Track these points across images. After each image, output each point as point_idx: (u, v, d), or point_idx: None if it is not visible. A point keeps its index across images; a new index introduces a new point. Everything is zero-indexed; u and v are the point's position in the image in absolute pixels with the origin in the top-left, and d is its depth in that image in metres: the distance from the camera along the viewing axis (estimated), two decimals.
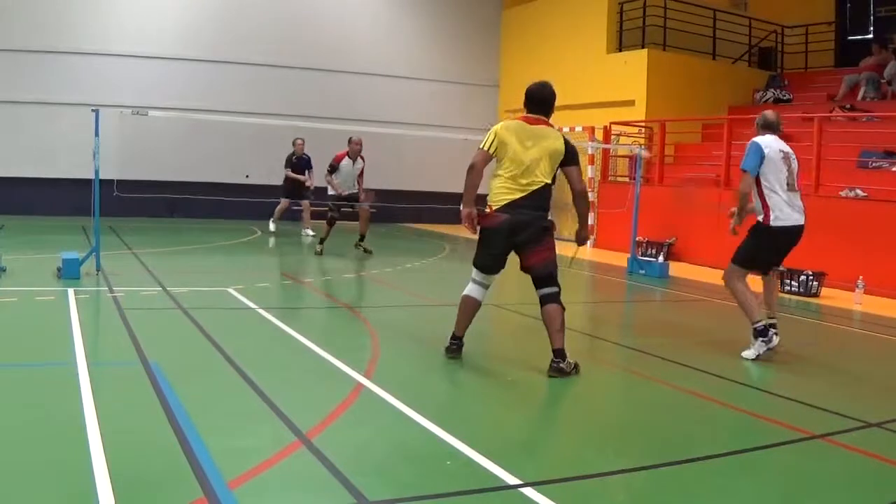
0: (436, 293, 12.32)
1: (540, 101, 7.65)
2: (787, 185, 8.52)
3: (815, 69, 23.16)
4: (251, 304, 10.24)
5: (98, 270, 11.80)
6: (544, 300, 7.63)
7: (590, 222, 20.86)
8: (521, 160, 7.40)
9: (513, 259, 7.71)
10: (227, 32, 23.32)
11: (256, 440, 5.23)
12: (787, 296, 13.37)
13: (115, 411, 5.63)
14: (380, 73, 25.11)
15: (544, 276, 7.62)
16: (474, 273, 7.80)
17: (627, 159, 21.04)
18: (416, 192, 24.73)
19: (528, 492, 4.56)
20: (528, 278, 7.64)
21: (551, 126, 7.70)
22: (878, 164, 15.65)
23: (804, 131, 17.33)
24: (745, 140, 18.85)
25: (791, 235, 8.64)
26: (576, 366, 7.48)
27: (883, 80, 19.11)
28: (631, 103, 21.32)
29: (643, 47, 21.76)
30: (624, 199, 17.60)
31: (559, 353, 7.44)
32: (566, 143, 7.64)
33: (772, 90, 21.65)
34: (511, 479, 4.72)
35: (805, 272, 13.42)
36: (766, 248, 8.69)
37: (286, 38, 23.90)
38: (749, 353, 8.40)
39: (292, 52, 23.95)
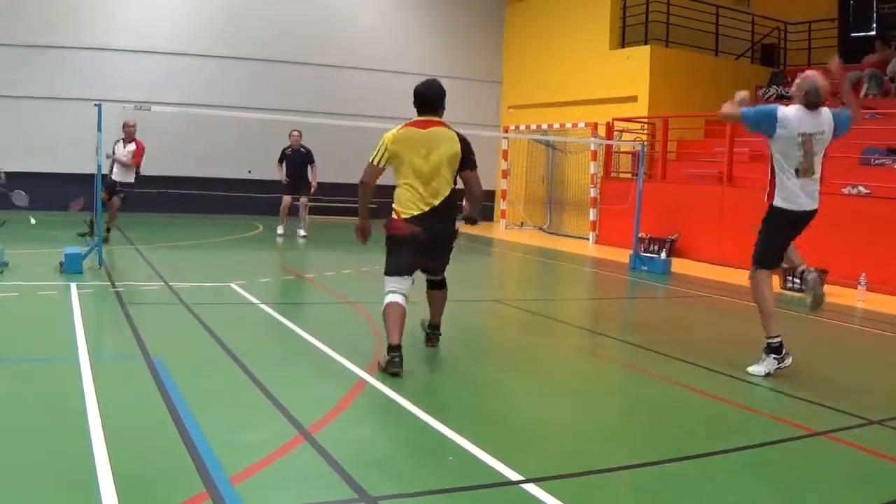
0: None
1: (429, 101, 7.44)
2: (797, 171, 7.59)
3: (818, 66, 22.98)
4: (253, 300, 10.25)
5: (101, 265, 11.81)
6: (433, 286, 7.92)
7: (591, 218, 21.02)
8: (420, 171, 7.20)
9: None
10: (230, 28, 23.31)
11: (258, 435, 5.24)
12: (788, 293, 13.38)
13: (117, 406, 5.64)
14: (383, 69, 25.08)
15: (439, 270, 7.88)
16: (388, 281, 7.36)
17: (630, 155, 21.03)
18: None
19: (531, 488, 4.56)
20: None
21: (445, 125, 7.43)
22: (880, 161, 15.64)
23: None
24: (748, 136, 18.95)
25: (798, 223, 7.82)
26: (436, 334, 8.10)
27: (886, 77, 19.08)
28: (633, 99, 21.32)
29: (646, 43, 21.73)
30: (626, 196, 17.61)
31: (438, 327, 8.08)
32: (462, 143, 7.38)
33: (774, 87, 21.61)
34: (513, 475, 4.72)
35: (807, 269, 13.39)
36: (776, 235, 7.86)
37: (289, 34, 23.89)
38: (757, 370, 7.55)
39: (295, 48, 23.95)
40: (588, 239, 21.01)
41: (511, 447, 5.29)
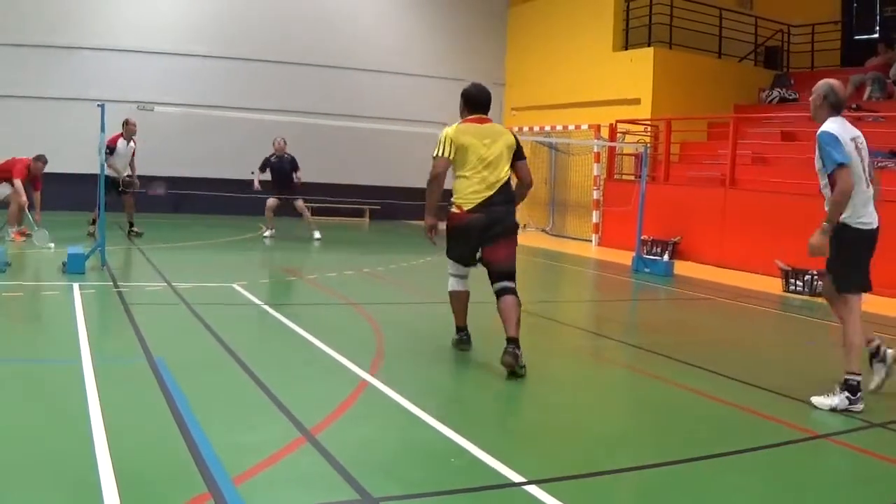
0: (439, 290, 12.29)
1: (483, 103, 8.03)
2: (867, 179, 7.24)
3: (821, 68, 23.06)
4: (256, 300, 10.26)
5: (103, 265, 11.82)
6: (503, 292, 7.55)
7: (594, 220, 21.02)
8: (486, 158, 7.57)
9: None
10: (233, 29, 23.32)
11: (261, 436, 5.24)
12: (792, 295, 13.37)
13: (119, 406, 5.64)
14: (385, 70, 25.10)
15: (506, 271, 7.58)
16: (453, 267, 7.88)
17: (633, 157, 21.02)
18: (422, 189, 24.68)
19: (533, 489, 4.56)
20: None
21: (495, 124, 7.99)
22: (883, 163, 15.62)
23: (810, 131, 17.23)
24: (751, 139, 18.94)
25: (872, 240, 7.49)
26: (524, 366, 7.26)
27: (889, 80, 19.06)
28: (637, 101, 21.31)
29: (649, 45, 21.74)
30: (629, 198, 17.60)
31: (515, 342, 7.31)
32: (515, 137, 7.87)
33: (778, 89, 21.63)
34: (516, 477, 4.71)
35: (810, 271, 13.41)
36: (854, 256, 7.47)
37: (291, 35, 23.90)
38: (823, 402, 6.72)
39: (297, 49, 23.95)
40: (591, 241, 21.00)
41: (513, 449, 5.29)
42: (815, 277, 13.34)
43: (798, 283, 13.53)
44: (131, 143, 16.50)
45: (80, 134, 19.08)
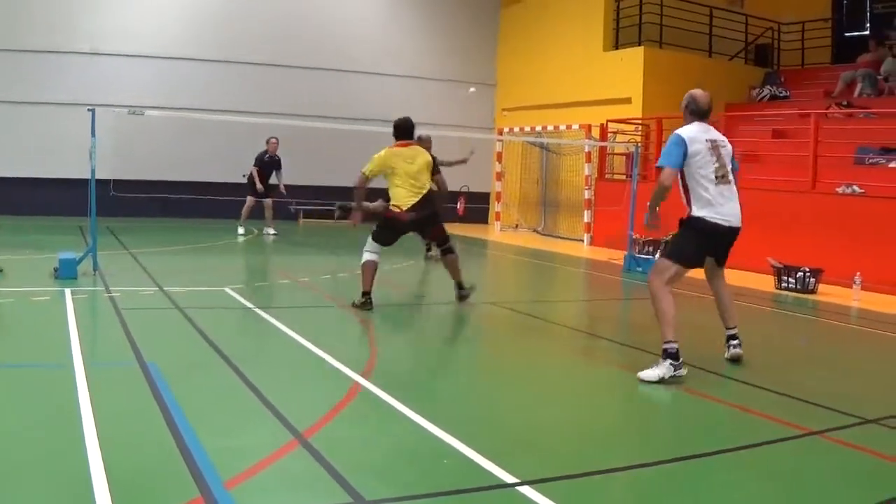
0: (432, 291, 12.33)
1: (409, 130, 10.59)
2: (717, 177, 7.65)
3: (811, 66, 23.17)
4: (248, 304, 10.25)
5: (95, 270, 11.79)
6: (445, 252, 10.69)
7: (586, 219, 21.03)
8: (410, 173, 10.23)
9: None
10: (224, 32, 23.29)
11: (253, 439, 5.22)
12: (784, 292, 13.40)
13: (111, 411, 5.62)
14: (377, 72, 25.08)
15: (443, 240, 10.72)
16: (373, 246, 10.31)
17: (624, 157, 21.05)
18: None
19: (526, 490, 4.55)
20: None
21: (417, 146, 10.79)
22: (874, 160, 15.66)
23: (801, 128, 17.37)
24: (742, 137, 18.98)
25: (718, 236, 7.79)
26: (472, 288, 10.81)
27: (880, 77, 19.12)
28: (627, 101, 21.33)
29: (639, 45, 21.78)
30: (620, 197, 17.61)
31: (462, 285, 10.72)
32: (432, 156, 10.89)
33: (768, 87, 21.66)
34: (509, 478, 4.71)
35: (802, 269, 13.43)
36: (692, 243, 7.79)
37: (282, 37, 23.87)
38: (650, 374, 7.18)
39: (288, 51, 23.92)
40: (582, 240, 21.02)
41: (506, 449, 5.28)
42: (808, 275, 13.37)
43: (790, 280, 13.54)
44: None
45: (72, 139, 19.04)
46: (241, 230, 18.60)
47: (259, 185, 18.80)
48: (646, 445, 5.67)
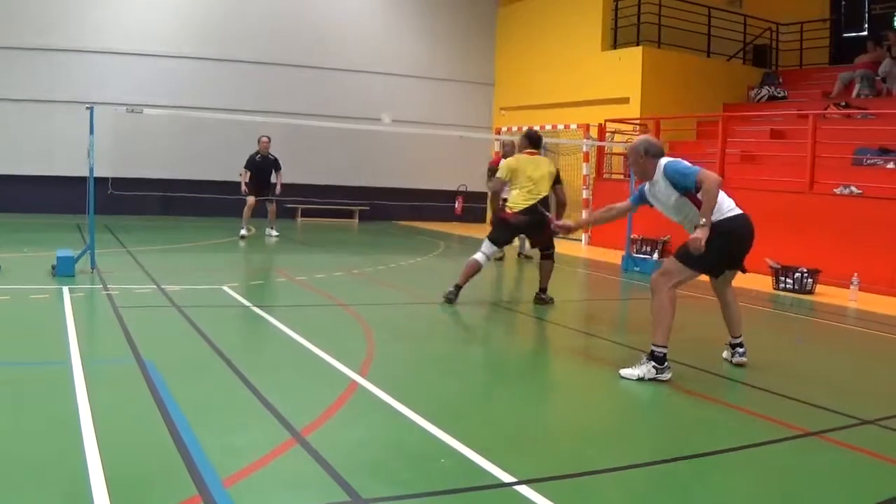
0: (430, 291, 12.31)
1: (537, 141, 11.31)
2: None
3: (809, 66, 23.18)
4: (246, 302, 10.25)
5: (93, 268, 11.79)
6: (545, 257, 11.41)
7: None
8: (533, 178, 10.88)
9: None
10: (223, 30, 23.29)
11: (251, 438, 5.22)
12: (782, 293, 13.41)
13: (109, 409, 5.62)
14: (375, 71, 25.10)
15: (546, 245, 11.39)
16: (488, 247, 11.05)
17: (622, 157, 21.04)
18: (411, 190, 24.77)
19: (523, 489, 4.56)
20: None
21: (542, 156, 11.50)
22: (872, 161, 15.67)
23: (799, 128, 17.38)
24: (740, 137, 18.98)
25: (747, 238, 7.69)
26: (552, 299, 11.41)
27: (878, 77, 19.13)
28: (626, 100, 21.34)
29: (638, 44, 21.78)
30: (619, 197, 17.54)
31: (545, 291, 11.42)
32: (556, 168, 11.34)
33: (766, 87, 21.67)
34: (506, 477, 4.71)
35: (800, 269, 13.44)
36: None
37: (281, 36, 23.88)
38: (631, 373, 7.28)
39: (287, 50, 23.93)
40: (580, 240, 21.01)
41: (504, 449, 5.28)
42: (806, 275, 13.37)
43: (788, 280, 13.55)
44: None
45: (70, 137, 19.06)
46: (242, 231, 18.18)
47: (244, 188, 18.27)
48: (642, 445, 5.67)
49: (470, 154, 24.00)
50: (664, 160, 7.58)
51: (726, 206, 7.40)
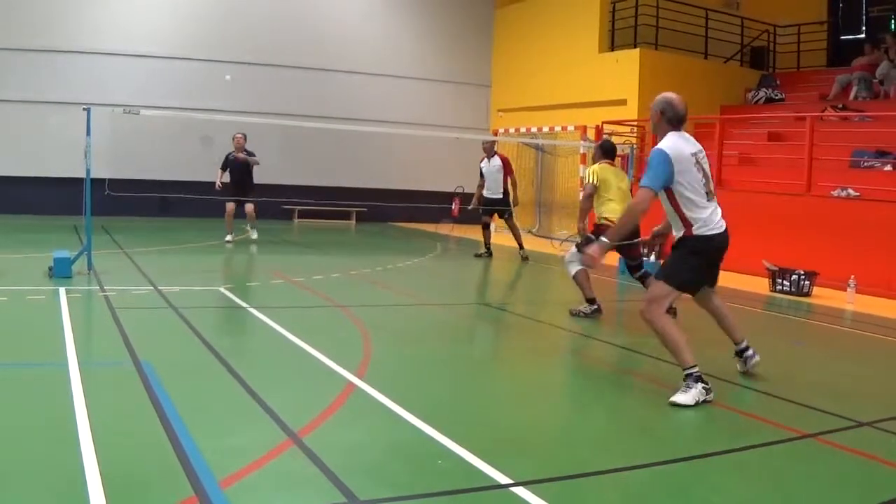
0: (426, 293, 12.32)
1: (612, 151, 11.22)
2: (707, 192, 7.06)
3: (807, 69, 23.18)
4: (242, 304, 10.24)
5: (89, 269, 11.78)
6: (641, 277, 11.04)
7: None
8: (623, 189, 10.77)
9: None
10: (220, 31, 23.26)
11: (248, 439, 5.22)
12: (779, 295, 13.41)
13: (106, 411, 5.62)
14: (372, 72, 25.07)
15: (636, 259, 11.16)
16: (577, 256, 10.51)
17: (619, 158, 21.03)
18: (407, 192, 24.75)
19: (520, 491, 4.56)
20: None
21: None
22: (869, 163, 15.68)
23: (796, 131, 17.39)
24: (738, 139, 18.98)
25: (717, 251, 7.26)
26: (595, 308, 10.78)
27: (875, 80, 19.15)
28: (623, 102, 21.32)
29: (635, 46, 21.76)
30: None
31: (593, 301, 10.78)
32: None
33: (764, 89, 21.67)
34: (503, 478, 4.71)
35: (797, 272, 13.44)
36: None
37: (277, 37, 23.85)
38: (684, 399, 6.62)
39: (283, 51, 23.90)
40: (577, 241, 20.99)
41: (500, 450, 5.28)
42: (803, 277, 13.38)
43: (785, 283, 13.56)
44: None
45: (67, 138, 19.03)
46: (228, 237, 17.53)
47: (218, 184, 17.54)
48: (639, 447, 5.67)
49: (467, 156, 23.98)
50: (667, 139, 7.12)
51: (699, 225, 6.95)
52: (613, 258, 16.35)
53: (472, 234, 21.30)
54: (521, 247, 16.47)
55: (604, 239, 6.97)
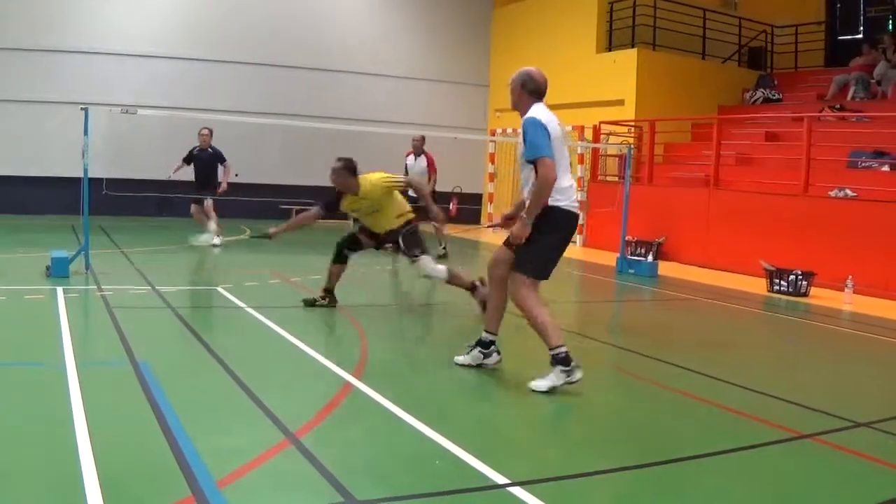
0: (424, 293, 12.31)
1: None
2: (569, 165, 7.07)
3: (804, 69, 23.20)
4: (240, 303, 10.23)
5: (87, 269, 11.77)
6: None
7: (579, 221, 21.03)
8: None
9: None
10: (218, 31, 23.24)
11: (245, 439, 5.22)
12: (776, 295, 13.42)
13: (103, 411, 5.62)
14: (369, 72, 25.05)
15: None
16: None
17: (617, 158, 21.06)
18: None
19: (517, 491, 4.56)
20: None
21: None
22: (867, 164, 15.69)
23: (794, 131, 17.40)
24: (735, 139, 18.99)
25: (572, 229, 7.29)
26: None
27: (872, 80, 19.16)
28: (620, 102, 21.33)
29: (633, 47, 21.76)
30: (613, 199, 17.60)
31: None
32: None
33: (761, 90, 21.69)
34: (500, 479, 4.72)
35: (794, 272, 13.45)
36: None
37: (276, 38, 23.84)
38: (541, 384, 6.81)
39: (282, 51, 23.88)
40: (575, 242, 21.00)
41: (497, 450, 5.29)
42: (800, 278, 13.39)
43: (782, 283, 13.57)
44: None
45: (65, 137, 19.02)
46: (217, 241, 17.07)
47: (170, 174, 17.37)
48: (636, 447, 5.67)
49: (465, 156, 23.97)
50: (534, 110, 7.03)
51: (560, 194, 6.88)
52: (611, 259, 16.38)
53: (469, 234, 21.31)
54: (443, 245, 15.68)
55: (523, 215, 6.83)
